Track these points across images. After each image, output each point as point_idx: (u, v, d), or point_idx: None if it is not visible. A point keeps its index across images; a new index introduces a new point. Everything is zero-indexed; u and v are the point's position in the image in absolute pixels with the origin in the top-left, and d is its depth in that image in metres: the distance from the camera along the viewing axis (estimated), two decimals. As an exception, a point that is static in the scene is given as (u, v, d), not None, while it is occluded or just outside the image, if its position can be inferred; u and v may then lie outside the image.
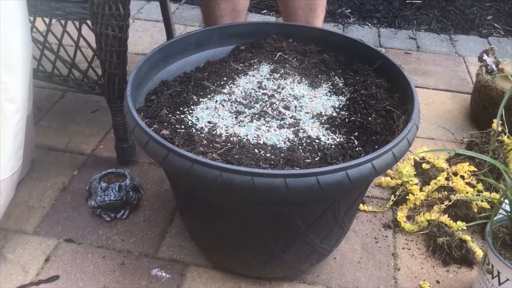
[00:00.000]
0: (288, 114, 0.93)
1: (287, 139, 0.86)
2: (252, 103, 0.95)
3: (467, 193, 1.13)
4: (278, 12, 2.15)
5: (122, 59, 1.09)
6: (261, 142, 0.85)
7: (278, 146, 0.84)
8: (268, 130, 0.88)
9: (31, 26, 1.14)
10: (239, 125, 0.89)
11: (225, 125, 0.89)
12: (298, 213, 0.80)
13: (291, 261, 0.90)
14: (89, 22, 1.07)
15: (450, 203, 1.12)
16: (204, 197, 0.84)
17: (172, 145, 0.75)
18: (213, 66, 1.06)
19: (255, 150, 0.82)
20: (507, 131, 1.25)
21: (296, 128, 0.89)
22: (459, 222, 1.09)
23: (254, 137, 0.86)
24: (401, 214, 1.13)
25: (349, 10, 2.18)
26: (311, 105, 0.95)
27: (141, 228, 1.11)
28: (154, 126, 0.86)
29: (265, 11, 2.16)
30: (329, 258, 1.04)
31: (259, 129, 0.88)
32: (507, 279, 0.85)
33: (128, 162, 1.27)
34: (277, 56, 1.08)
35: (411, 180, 1.19)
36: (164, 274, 1.01)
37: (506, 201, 0.92)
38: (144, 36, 1.93)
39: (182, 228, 1.10)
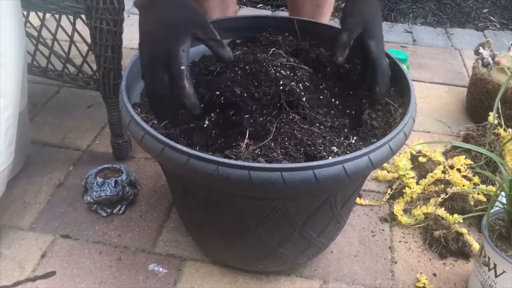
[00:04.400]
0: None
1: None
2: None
3: (463, 186, 1.13)
4: (274, 6, 2.14)
5: (117, 54, 1.08)
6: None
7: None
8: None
9: (24, 21, 1.13)
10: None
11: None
12: (294, 207, 0.80)
13: (288, 255, 0.90)
14: (83, 16, 1.06)
15: (447, 196, 1.12)
16: (200, 192, 0.84)
17: (168, 140, 0.75)
18: (209, 61, 1.05)
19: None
20: (503, 124, 1.25)
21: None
22: (455, 215, 1.09)
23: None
24: (398, 208, 1.14)
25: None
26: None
27: (138, 223, 1.11)
28: (153, 122, 0.85)
29: (260, 5, 2.15)
30: (326, 252, 1.04)
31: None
32: (504, 271, 0.86)
33: (124, 157, 1.26)
34: (271, 51, 1.07)
35: (407, 174, 1.19)
36: (161, 269, 1.00)
37: (503, 193, 0.92)
38: (139, 30, 1.92)
39: (179, 223, 1.10)
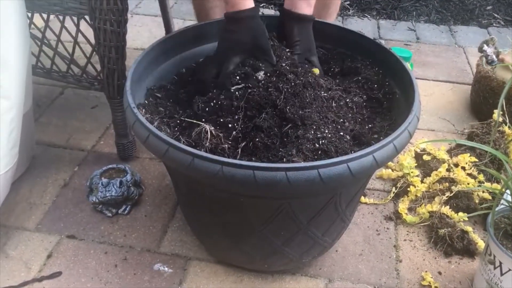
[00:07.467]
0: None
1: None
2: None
3: (468, 184, 1.13)
4: (277, 5, 2.14)
5: (121, 54, 1.08)
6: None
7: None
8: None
9: (29, 22, 1.13)
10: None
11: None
12: (299, 206, 0.80)
13: (292, 254, 0.90)
14: (87, 17, 1.07)
15: (452, 194, 1.12)
16: (205, 192, 0.84)
17: (173, 140, 0.75)
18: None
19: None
20: (507, 121, 1.24)
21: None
22: (460, 213, 1.09)
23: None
24: (403, 206, 1.13)
25: (348, 2, 2.17)
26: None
27: (143, 223, 1.11)
28: (157, 122, 0.85)
29: (263, 4, 2.15)
30: (331, 251, 1.04)
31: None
32: (509, 269, 0.85)
33: (128, 158, 1.27)
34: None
35: (412, 172, 1.19)
36: (166, 269, 1.01)
37: (508, 191, 0.92)
38: (142, 31, 1.92)
39: (184, 223, 1.10)
